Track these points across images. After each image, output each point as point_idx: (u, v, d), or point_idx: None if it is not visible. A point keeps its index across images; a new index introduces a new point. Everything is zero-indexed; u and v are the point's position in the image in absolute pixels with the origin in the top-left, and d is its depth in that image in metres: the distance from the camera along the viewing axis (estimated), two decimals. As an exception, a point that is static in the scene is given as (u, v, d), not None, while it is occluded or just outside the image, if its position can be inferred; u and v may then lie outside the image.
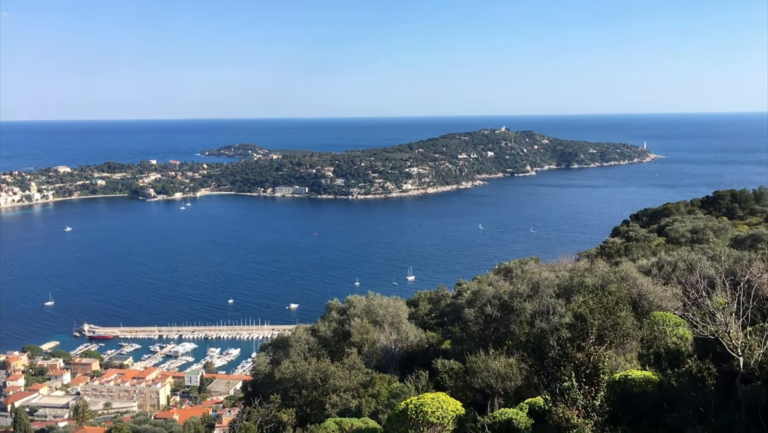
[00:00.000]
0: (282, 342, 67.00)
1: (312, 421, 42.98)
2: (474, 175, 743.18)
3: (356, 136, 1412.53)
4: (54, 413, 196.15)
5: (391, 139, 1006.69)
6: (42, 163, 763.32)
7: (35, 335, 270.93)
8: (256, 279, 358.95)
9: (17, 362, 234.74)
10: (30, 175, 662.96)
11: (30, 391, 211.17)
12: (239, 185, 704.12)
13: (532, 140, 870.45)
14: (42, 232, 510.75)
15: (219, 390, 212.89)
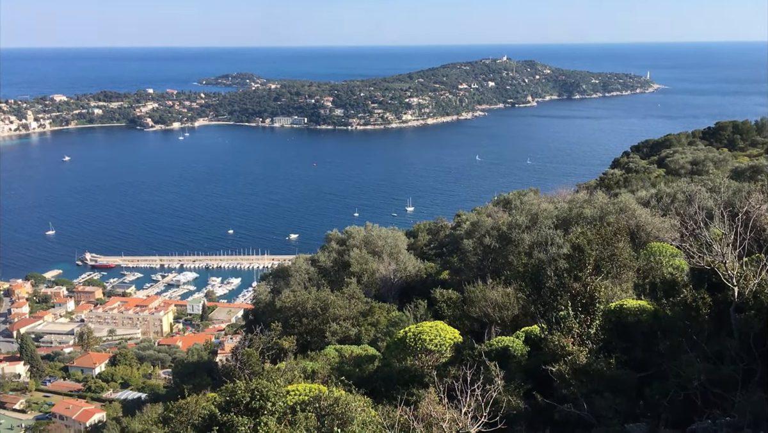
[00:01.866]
0: (282, 272, 67.76)
1: (312, 348, 43.89)
2: (474, 105, 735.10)
3: (355, 65, 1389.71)
4: (59, 340, 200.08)
5: (390, 68, 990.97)
6: (38, 92, 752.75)
7: (38, 264, 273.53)
8: (256, 210, 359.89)
9: (21, 289, 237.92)
10: (26, 104, 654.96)
11: (35, 318, 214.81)
12: (237, 115, 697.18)
13: (533, 70, 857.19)
14: (40, 161, 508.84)
15: (220, 318, 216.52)
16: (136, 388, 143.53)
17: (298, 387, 25.40)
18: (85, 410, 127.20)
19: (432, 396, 22.83)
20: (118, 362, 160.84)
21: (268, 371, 32.41)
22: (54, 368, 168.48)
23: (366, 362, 35.31)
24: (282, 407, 22.20)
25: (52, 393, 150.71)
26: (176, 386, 55.26)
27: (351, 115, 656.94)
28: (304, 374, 31.99)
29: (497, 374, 24.96)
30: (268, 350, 42.27)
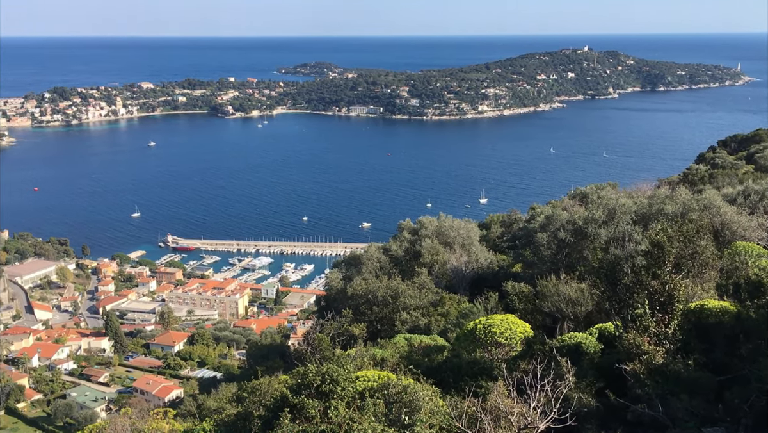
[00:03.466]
0: (354, 260, 68.41)
1: (382, 336, 44.25)
2: (552, 97, 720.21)
3: (432, 55, 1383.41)
4: (141, 318, 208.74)
5: (467, 58, 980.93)
6: (126, 79, 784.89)
7: (123, 244, 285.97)
8: (330, 198, 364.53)
9: (108, 268, 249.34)
10: (116, 91, 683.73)
11: (119, 296, 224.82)
12: (314, 104, 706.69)
13: (615, 61, 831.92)
14: (128, 146, 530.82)
15: (293, 303, 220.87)
16: (212, 367, 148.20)
17: (367, 374, 25.67)
18: (164, 386, 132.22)
19: (501, 389, 22.69)
20: (196, 342, 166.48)
21: (338, 357, 32.92)
22: (136, 345, 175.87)
23: (435, 352, 35.34)
24: (351, 392, 22.53)
25: (134, 368, 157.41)
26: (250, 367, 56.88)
27: (426, 105, 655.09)
28: (373, 361, 32.29)
29: (568, 370, 24.53)
30: (339, 336, 42.91)
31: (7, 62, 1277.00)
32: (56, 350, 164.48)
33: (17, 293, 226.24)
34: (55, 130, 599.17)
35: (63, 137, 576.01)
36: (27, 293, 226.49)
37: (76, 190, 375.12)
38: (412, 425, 21.54)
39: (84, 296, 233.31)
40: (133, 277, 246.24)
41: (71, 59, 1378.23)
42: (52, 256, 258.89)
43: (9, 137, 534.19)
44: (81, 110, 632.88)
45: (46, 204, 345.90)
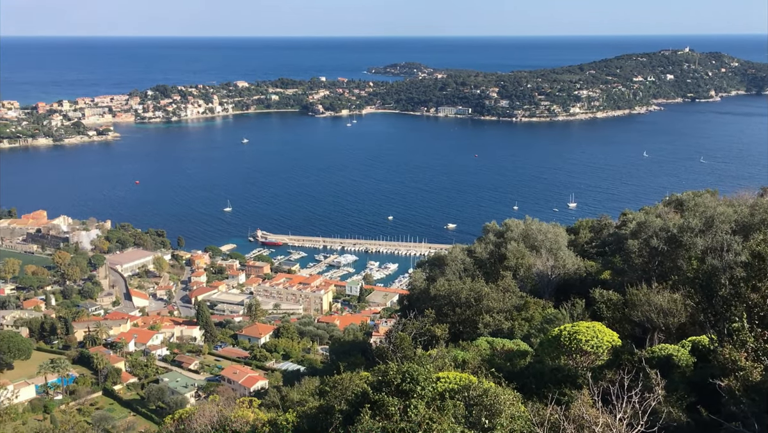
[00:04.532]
0: (438, 260, 68.31)
1: (464, 338, 43.99)
2: (649, 99, 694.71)
3: (523, 56, 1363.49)
4: (230, 309, 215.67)
5: (560, 59, 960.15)
6: (223, 78, 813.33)
7: (215, 238, 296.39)
8: (416, 198, 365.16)
9: (200, 260, 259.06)
10: (213, 89, 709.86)
11: (210, 287, 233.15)
12: (403, 104, 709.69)
13: (719, 62, 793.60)
14: (222, 143, 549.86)
15: (376, 301, 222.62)
16: (295, 360, 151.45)
17: (448, 375, 25.64)
18: (250, 376, 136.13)
19: (585, 398, 22.16)
20: (281, 335, 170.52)
21: (419, 356, 32.98)
22: (225, 335, 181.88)
23: (517, 356, 34.86)
24: (431, 393, 22.56)
25: (222, 358, 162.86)
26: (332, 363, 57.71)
27: (516, 106, 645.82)
28: (454, 362, 32.19)
29: (658, 382, 23.69)
30: (421, 336, 42.96)
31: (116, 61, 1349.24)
32: (151, 337, 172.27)
33: (117, 281, 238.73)
34: (156, 126, 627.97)
35: (163, 133, 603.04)
36: (126, 280, 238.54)
37: (174, 185, 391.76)
38: (492, 429, 21.36)
39: (178, 285, 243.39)
40: (224, 269, 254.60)
41: (174, 59, 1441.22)
42: (149, 246, 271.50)
43: (114, 132, 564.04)
44: (180, 107, 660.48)
45: (146, 197, 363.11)
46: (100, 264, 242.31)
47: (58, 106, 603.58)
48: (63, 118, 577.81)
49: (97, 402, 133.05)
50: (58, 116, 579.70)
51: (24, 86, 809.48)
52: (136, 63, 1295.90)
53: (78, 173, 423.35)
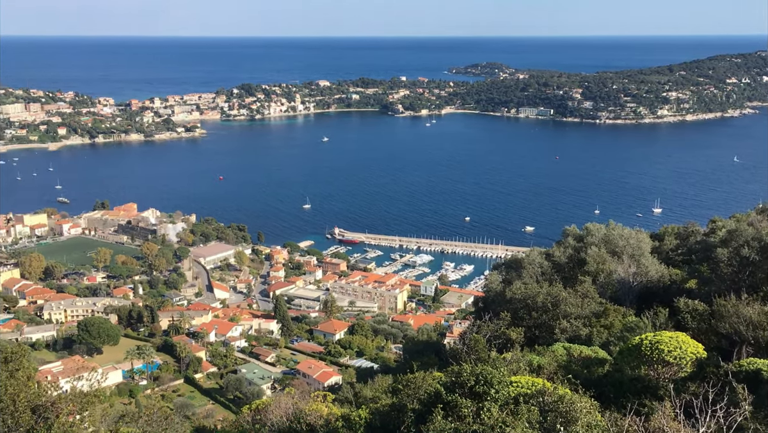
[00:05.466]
0: (515, 263, 67.39)
1: (540, 343, 43.31)
2: (743, 102, 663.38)
3: (609, 56, 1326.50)
4: (307, 304, 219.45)
5: (648, 60, 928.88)
6: (306, 77, 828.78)
7: (294, 234, 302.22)
8: (493, 199, 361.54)
9: (279, 255, 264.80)
10: (295, 88, 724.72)
11: (288, 282, 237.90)
12: (483, 104, 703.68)
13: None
14: (303, 141, 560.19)
15: (451, 302, 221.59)
16: (369, 358, 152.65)
17: (522, 379, 25.32)
18: (324, 371, 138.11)
19: (667, 410, 21.46)
20: (356, 332, 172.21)
21: (493, 359, 32.71)
22: (300, 330, 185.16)
23: (595, 364, 34.05)
24: (505, 396, 22.35)
25: (298, 352, 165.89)
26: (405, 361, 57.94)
27: (600, 108, 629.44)
28: (529, 367, 31.75)
29: (745, 397, 22.66)
30: (495, 339, 42.56)
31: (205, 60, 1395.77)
32: (231, 328, 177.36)
33: (200, 273, 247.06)
34: (240, 123, 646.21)
35: (246, 130, 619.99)
36: (209, 273, 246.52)
37: (255, 181, 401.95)
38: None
39: (257, 279, 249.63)
40: (302, 265, 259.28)
41: (259, 58, 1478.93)
42: (231, 240, 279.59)
43: (201, 129, 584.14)
44: (264, 106, 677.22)
45: (229, 192, 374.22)
46: (185, 256, 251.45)
47: (149, 104, 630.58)
48: (154, 115, 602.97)
49: (178, 389, 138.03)
50: (150, 113, 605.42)
51: (118, 84, 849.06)
52: (223, 62, 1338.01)
53: (166, 168, 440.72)
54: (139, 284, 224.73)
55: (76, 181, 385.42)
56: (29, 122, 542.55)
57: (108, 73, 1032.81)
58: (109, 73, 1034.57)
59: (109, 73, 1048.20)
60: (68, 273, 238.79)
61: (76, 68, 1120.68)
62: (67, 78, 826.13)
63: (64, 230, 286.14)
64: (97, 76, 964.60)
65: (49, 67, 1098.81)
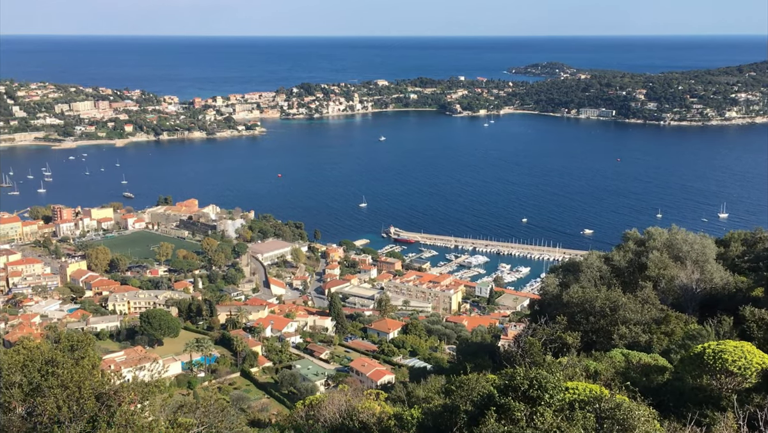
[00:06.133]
0: (573, 266, 66.24)
1: (597, 348, 42.46)
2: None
3: (675, 56, 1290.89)
4: (361, 302, 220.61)
5: (716, 60, 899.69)
6: (364, 76, 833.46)
7: (350, 232, 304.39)
8: (551, 201, 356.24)
9: (335, 253, 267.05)
10: (354, 87, 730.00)
11: (343, 280, 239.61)
12: (542, 105, 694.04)
13: None
14: (360, 140, 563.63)
15: (506, 304, 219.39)
16: (422, 358, 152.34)
17: (578, 385, 24.89)
18: (377, 370, 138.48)
19: (729, 421, 20.80)
20: (409, 332, 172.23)
21: (548, 363, 32.26)
22: (355, 328, 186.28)
23: (654, 372, 33.20)
24: (559, 401, 22.04)
25: (351, 350, 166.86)
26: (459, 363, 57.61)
27: (665, 109, 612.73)
28: (586, 372, 31.20)
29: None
30: (551, 343, 41.96)
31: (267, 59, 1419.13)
32: (286, 324, 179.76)
33: (257, 269, 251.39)
34: (299, 122, 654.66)
35: (305, 129, 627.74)
36: (266, 269, 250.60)
37: (313, 179, 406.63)
38: (623, 445, 20.55)
39: (313, 276, 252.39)
40: (357, 263, 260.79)
41: (318, 57, 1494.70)
42: (288, 237, 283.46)
43: (261, 127, 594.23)
44: (322, 105, 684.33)
45: (287, 189, 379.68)
46: (243, 252, 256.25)
47: (212, 102, 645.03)
48: (216, 113, 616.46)
49: (235, 382, 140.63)
50: (212, 111, 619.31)
51: (182, 83, 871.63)
52: (283, 62, 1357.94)
53: (227, 165, 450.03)
54: (199, 279, 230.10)
55: (141, 177, 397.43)
56: (98, 119, 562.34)
57: (173, 72, 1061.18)
58: (174, 72, 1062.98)
59: (174, 72, 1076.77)
60: (132, 266, 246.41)
61: (142, 67, 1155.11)
62: (134, 77, 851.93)
63: (128, 224, 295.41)
64: (163, 75, 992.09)
65: (117, 66, 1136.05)
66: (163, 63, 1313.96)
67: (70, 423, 23.02)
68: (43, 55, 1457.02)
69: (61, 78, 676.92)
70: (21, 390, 26.07)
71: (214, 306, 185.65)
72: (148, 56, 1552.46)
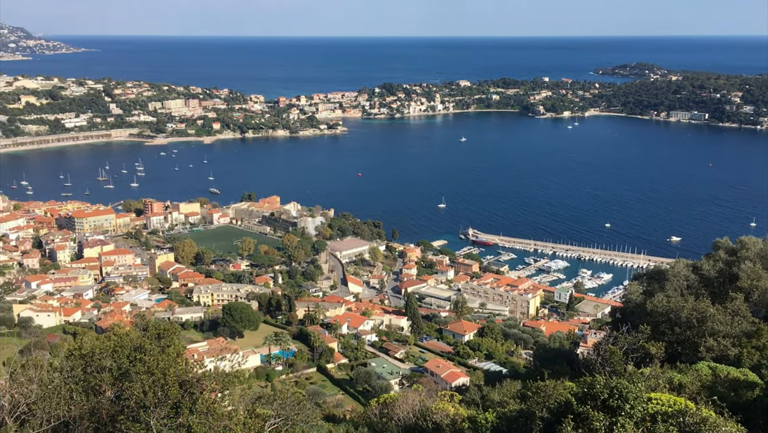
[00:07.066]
0: (658, 274, 64.03)
1: (682, 360, 40.95)
2: None
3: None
4: (437, 303, 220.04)
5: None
6: (446, 77, 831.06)
7: (427, 232, 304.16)
8: (636, 207, 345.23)
9: (412, 253, 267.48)
10: (436, 88, 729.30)
11: (420, 280, 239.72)
12: (630, 107, 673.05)
13: None
14: (440, 140, 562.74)
15: (586, 311, 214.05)
16: (498, 362, 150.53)
17: (661, 397, 24.06)
18: (452, 372, 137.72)
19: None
20: (485, 334, 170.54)
21: (630, 373, 31.30)
22: (430, 328, 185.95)
23: (744, 387, 31.69)
24: (641, 413, 21.39)
25: (426, 350, 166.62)
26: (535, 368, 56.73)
27: (763, 113, 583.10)
28: (669, 385, 30.13)
29: None
30: (633, 352, 40.72)
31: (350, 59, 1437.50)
32: (362, 322, 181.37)
33: (336, 266, 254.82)
34: (380, 122, 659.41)
35: (386, 129, 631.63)
36: (344, 267, 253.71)
37: (392, 179, 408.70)
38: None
39: (390, 275, 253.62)
40: (434, 264, 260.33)
41: (400, 58, 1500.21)
42: (366, 236, 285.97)
43: (342, 127, 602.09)
44: (404, 105, 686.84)
45: (366, 188, 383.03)
46: (322, 249, 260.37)
47: (296, 101, 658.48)
48: (299, 112, 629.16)
49: (311, 377, 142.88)
50: (296, 110, 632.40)
51: (268, 82, 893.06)
52: (366, 62, 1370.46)
53: (308, 163, 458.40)
54: (279, 274, 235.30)
55: (227, 174, 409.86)
56: (188, 117, 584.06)
57: (259, 72, 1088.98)
58: (260, 72, 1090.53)
59: (260, 72, 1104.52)
60: (216, 259, 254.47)
61: (230, 67, 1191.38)
62: (222, 76, 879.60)
63: (214, 219, 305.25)
64: (249, 75, 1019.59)
65: (207, 66, 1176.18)
66: (250, 63, 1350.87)
67: (155, 408, 23.93)
68: (139, 56, 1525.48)
69: (154, 77, 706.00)
70: (111, 374, 27.43)
71: (293, 301, 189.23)
72: (236, 56, 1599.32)
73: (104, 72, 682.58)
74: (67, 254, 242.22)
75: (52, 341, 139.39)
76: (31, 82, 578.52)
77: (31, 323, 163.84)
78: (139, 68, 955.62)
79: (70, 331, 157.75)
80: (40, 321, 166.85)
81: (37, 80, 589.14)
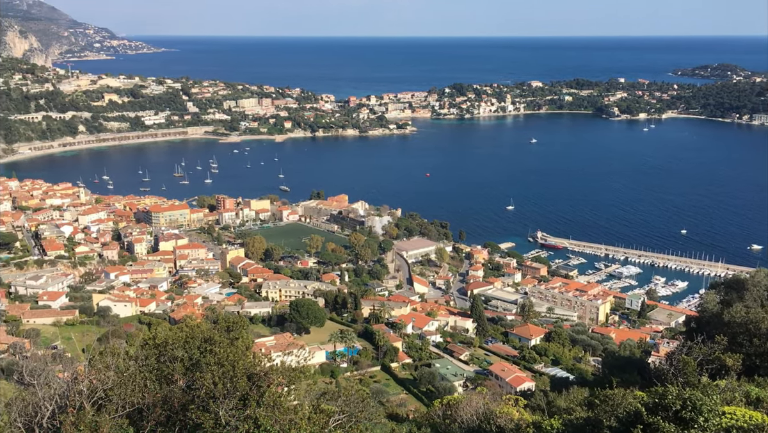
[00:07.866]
0: (737, 283, 61.63)
1: (761, 373, 39.26)
2: None
3: None
4: (504, 307, 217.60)
5: None
6: (518, 78, 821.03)
7: (495, 234, 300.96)
8: (714, 213, 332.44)
9: (479, 255, 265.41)
10: (506, 88, 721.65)
11: (486, 282, 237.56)
12: (710, 109, 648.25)
13: None
14: (510, 141, 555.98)
15: (659, 319, 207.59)
16: (565, 368, 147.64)
17: (737, 411, 23.15)
18: (517, 376, 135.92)
19: None
20: (552, 340, 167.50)
21: (704, 385, 30.24)
22: (496, 331, 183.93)
23: (828, 406, 30.10)
24: (714, 427, 20.65)
25: (491, 353, 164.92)
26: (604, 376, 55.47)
27: None
28: (746, 398, 28.93)
29: None
30: (707, 364, 39.30)
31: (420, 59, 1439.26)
32: (427, 322, 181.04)
33: (401, 266, 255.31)
34: (449, 122, 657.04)
35: (455, 129, 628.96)
36: (410, 267, 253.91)
37: (460, 179, 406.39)
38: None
39: (456, 277, 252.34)
40: (501, 266, 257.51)
41: (471, 58, 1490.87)
42: (433, 236, 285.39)
43: (411, 126, 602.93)
44: (474, 105, 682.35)
45: (434, 189, 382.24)
46: (389, 249, 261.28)
47: (366, 101, 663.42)
48: (369, 112, 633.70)
49: (375, 375, 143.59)
50: (365, 110, 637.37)
51: (338, 82, 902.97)
52: (436, 62, 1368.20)
53: (377, 163, 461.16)
54: (346, 272, 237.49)
55: (296, 172, 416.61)
56: (261, 115, 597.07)
57: (330, 72, 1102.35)
58: (331, 72, 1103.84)
59: (331, 71, 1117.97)
60: (285, 256, 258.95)
61: (302, 67, 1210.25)
62: (294, 76, 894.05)
63: (283, 216, 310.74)
64: (320, 75, 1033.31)
65: (280, 66, 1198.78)
66: (321, 63, 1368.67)
67: (223, 399, 24.58)
68: (212, 56, 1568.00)
69: (229, 76, 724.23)
70: (182, 364, 28.36)
71: (359, 300, 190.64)
72: (308, 56, 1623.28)
73: (182, 71, 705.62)
74: (143, 247, 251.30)
75: (128, 330, 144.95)
76: (114, 81, 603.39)
77: (109, 312, 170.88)
78: (214, 68, 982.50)
79: (146, 321, 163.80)
80: (117, 310, 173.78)
81: (119, 79, 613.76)
